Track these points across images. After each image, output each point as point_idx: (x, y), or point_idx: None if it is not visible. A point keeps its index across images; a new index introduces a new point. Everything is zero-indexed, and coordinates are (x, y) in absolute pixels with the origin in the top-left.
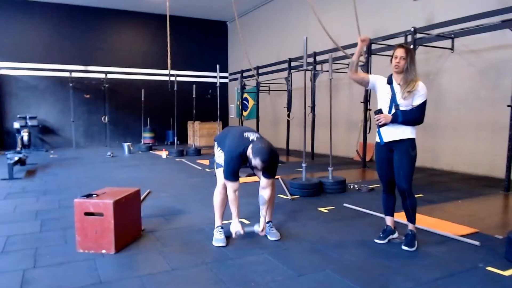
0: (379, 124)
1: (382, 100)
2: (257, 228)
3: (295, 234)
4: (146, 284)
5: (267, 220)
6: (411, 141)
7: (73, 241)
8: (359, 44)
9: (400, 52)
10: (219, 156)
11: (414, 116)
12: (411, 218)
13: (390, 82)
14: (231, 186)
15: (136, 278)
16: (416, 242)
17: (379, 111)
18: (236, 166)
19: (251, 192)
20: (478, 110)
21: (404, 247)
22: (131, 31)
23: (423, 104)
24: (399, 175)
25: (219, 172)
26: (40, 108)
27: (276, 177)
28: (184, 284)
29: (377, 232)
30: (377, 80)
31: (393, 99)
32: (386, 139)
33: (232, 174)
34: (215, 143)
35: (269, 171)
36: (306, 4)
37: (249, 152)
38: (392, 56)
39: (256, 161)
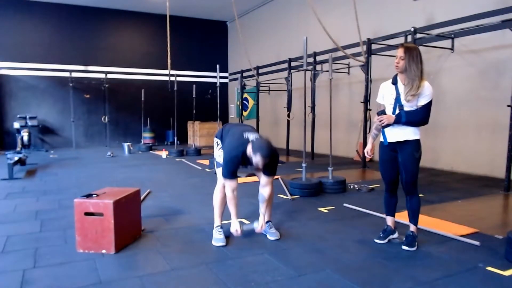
0: (382, 125)
1: (387, 101)
2: (256, 225)
3: (295, 234)
4: (146, 284)
5: (266, 220)
6: (416, 143)
7: (73, 241)
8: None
9: (399, 52)
10: (219, 155)
11: (419, 117)
12: (414, 220)
13: (395, 82)
14: (229, 185)
15: (136, 278)
16: (416, 243)
17: (382, 112)
18: (235, 166)
19: (251, 192)
20: (478, 110)
21: (404, 247)
22: (131, 31)
23: (428, 104)
24: (403, 176)
25: (219, 171)
26: (40, 108)
27: (276, 177)
28: (184, 284)
29: (377, 232)
30: (383, 90)
31: (398, 99)
32: (390, 139)
33: (230, 174)
34: (215, 141)
35: (269, 168)
36: (306, 4)
37: (249, 151)
38: None
39: (256, 158)
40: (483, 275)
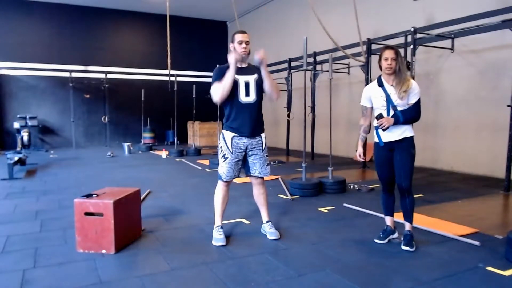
0: (383, 128)
1: (377, 104)
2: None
3: (295, 234)
4: (146, 284)
5: (266, 220)
6: (411, 140)
7: (73, 241)
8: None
9: (391, 54)
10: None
11: (413, 114)
12: (410, 218)
13: (381, 84)
14: (217, 85)
15: (136, 278)
16: (414, 242)
17: (380, 116)
18: (222, 73)
19: (251, 192)
20: (478, 110)
21: (404, 247)
22: (131, 31)
23: (419, 101)
24: (400, 174)
25: (220, 170)
26: (40, 108)
27: (276, 177)
28: (184, 284)
29: (377, 232)
30: (369, 93)
31: (389, 101)
32: (386, 139)
33: (219, 77)
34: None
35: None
36: (306, 4)
37: (231, 49)
38: (380, 58)
39: (235, 40)
40: (483, 275)
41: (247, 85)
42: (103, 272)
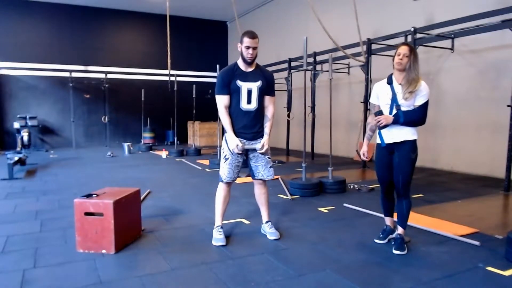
0: (380, 126)
1: (382, 101)
2: (259, 145)
3: (295, 234)
4: (146, 284)
5: (265, 220)
6: (413, 143)
7: (73, 241)
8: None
9: (404, 50)
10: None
11: (416, 117)
12: (403, 223)
13: (390, 82)
14: (221, 101)
15: (136, 278)
16: (406, 245)
17: (379, 113)
18: (225, 80)
19: (251, 192)
20: (478, 110)
21: (395, 251)
22: (131, 31)
23: (425, 104)
24: (398, 177)
25: (221, 171)
26: (40, 108)
27: (276, 177)
28: (184, 284)
29: (377, 232)
30: (377, 90)
31: (394, 100)
32: (388, 140)
33: (220, 89)
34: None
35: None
36: (306, 4)
37: (239, 50)
38: (395, 54)
39: (244, 42)
40: (483, 275)
41: (249, 92)
42: (103, 272)
